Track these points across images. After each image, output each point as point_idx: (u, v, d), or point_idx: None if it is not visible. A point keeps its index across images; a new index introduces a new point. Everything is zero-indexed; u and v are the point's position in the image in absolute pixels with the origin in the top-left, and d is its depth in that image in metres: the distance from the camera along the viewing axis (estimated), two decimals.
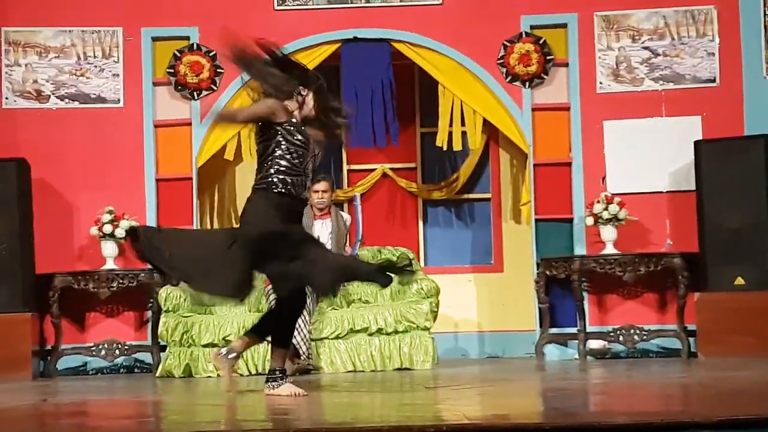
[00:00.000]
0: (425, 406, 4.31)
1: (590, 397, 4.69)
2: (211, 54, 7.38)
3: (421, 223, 7.97)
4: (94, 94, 7.38)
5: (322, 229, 6.86)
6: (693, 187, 6.97)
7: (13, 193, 6.76)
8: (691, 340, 6.91)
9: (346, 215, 7.06)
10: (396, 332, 6.63)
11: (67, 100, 7.38)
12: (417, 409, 4.22)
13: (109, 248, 7.09)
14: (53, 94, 7.37)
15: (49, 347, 7.09)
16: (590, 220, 7.15)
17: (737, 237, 6.76)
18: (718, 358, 6.49)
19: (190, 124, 7.40)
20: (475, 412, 4.07)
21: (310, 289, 5.19)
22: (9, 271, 6.69)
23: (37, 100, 7.36)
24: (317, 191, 6.82)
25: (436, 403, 4.37)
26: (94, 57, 7.39)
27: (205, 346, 6.54)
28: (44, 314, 7.04)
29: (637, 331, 7.03)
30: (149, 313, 7.17)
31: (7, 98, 7.29)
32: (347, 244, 6.88)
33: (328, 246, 6.85)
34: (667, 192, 7.31)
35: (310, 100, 4.92)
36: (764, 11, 7.17)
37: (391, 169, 7.93)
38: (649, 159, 7.29)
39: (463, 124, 7.42)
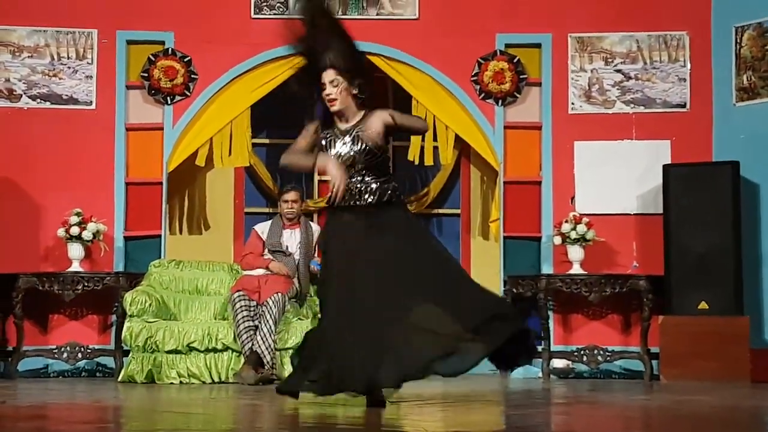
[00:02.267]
0: (387, 421, 4.31)
1: (552, 417, 4.71)
2: (185, 59, 7.36)
3: None
4: (67, 95, 7.33)
5: (290, 239, 6.88)
6: (660, 210, 7.04)
7: None
8: (654, 362, 6.97)
9: (315, 226, 7.05)
10: None
11: (39, 100, 7.32)
12: None
13: (75, 250, 7.03)
14: (25, 93, 7.31)
15: (10, 348, 7.02)
16: (558, 240, 7.19)
17: (702, 262, 6.82)
18: (680, 382, 6.54)
19: (162, 128, 7.37)
20: (437, 429, 4.08)
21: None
22: None
23: (8, 99, 7.30)
24: (287, 201, 6.85)
25: (398, 419, 4.37)
26: (68, 58, 7.34)
27: (168, 352, 6.49)
28: (7, 315, 6.98)
29: (601, 352, 7.07)
30: (113, 317, 7.12)
31: None
32: (316, 255, 6.87)
33: (297, 257, 6.86)
34: (635, 214, 7.37)
35: None
36: (736, 39, 7.27)
37: None
38: (618, 181, 7.35)
39: (435, 139, 7.45)
